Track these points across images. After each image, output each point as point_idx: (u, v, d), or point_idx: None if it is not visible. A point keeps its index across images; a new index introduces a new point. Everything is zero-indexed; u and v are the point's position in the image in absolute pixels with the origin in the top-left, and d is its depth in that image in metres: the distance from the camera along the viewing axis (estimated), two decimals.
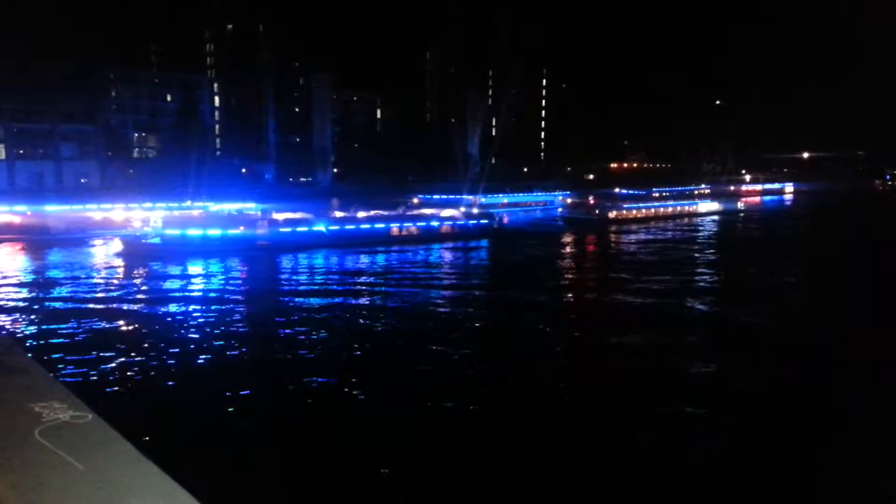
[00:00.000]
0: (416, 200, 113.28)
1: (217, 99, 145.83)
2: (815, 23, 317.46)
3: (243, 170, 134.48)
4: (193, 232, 56.59)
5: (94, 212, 73.17)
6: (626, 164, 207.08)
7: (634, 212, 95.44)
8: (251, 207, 79.92)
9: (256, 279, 45.76)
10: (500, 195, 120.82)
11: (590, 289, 43.13)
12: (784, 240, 76.36)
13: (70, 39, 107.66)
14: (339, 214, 69.12)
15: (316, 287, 42.14)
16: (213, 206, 76.21)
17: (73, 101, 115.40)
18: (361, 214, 68.76)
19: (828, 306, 35.69)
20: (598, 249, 67.47)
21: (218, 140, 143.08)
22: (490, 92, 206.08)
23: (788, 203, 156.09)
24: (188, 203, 78.23)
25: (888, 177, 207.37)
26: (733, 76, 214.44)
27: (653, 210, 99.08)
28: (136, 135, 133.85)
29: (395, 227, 67.20)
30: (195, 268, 49.04)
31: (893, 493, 14.62)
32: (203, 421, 18.35)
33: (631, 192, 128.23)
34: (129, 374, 22.83)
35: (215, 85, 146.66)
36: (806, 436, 17.85)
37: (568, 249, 66.30)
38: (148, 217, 63.04)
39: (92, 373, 22.47)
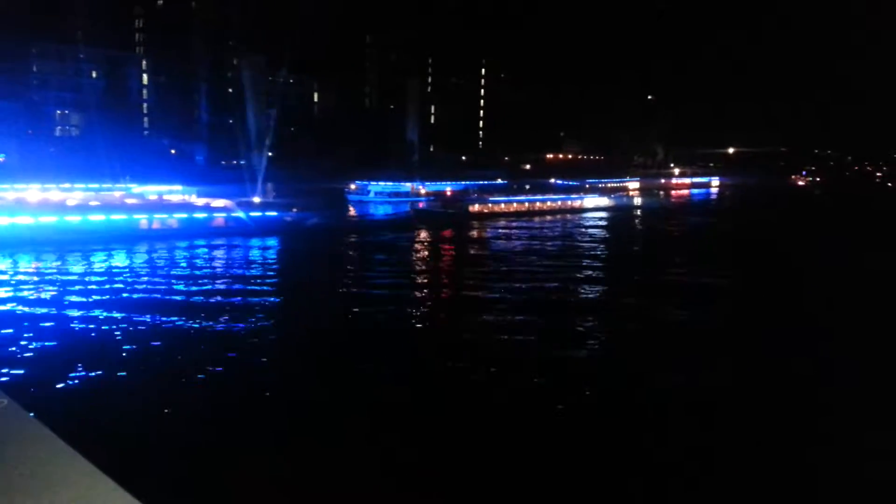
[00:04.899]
0: (353, 186, 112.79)
1: (146, 77, 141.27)
2: (741, 22, 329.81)
3: (172, 151, 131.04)
4: None
5: None
6: (561, 156, 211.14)
7: (503, 205, 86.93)
8: (178, 190, 78.23)
9: None
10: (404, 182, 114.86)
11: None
12: (604, 243, 64.27)
13: None
14: (256, 200, 64.73)
15: None
16: (136, 188, 74.19)
17: None
18: (94, 202, 57.35)
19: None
20: (390, 252, 54.63)
21: (146, 119, 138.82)
22: (430, 80, 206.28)
23: (713, 196, 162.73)
24: (109, 185, 75.81)
25: (804, 172, 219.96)
26: (665, 73, 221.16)
27: (526, 204, 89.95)
28: (58, 112, 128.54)
29: (143, 220, 54.98)
30: None
31: None
32: None
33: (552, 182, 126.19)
34: None
35: (144, 62, 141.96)
36: None
37: (362, 251, 53.75)
38: None
39: None
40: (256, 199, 67.47)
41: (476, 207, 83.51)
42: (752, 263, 49.87)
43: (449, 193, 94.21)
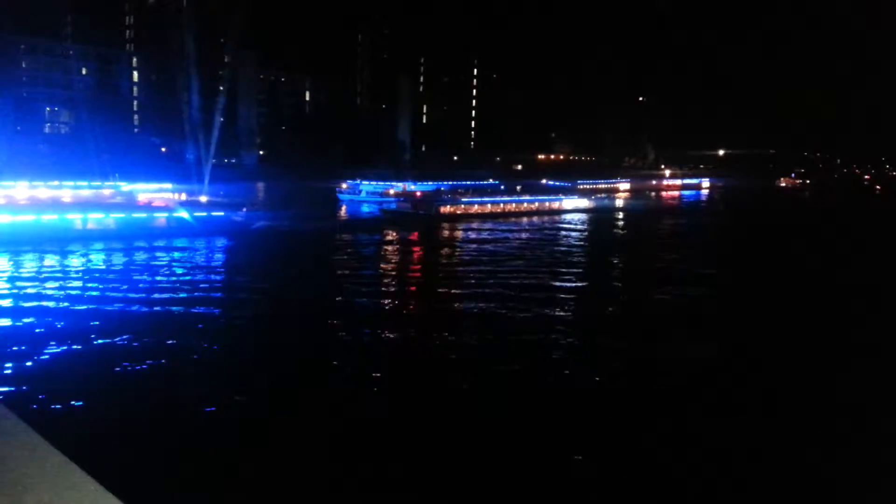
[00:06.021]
0: (345, 185, 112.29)
1: (136, 74, 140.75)
2: (732, 23, 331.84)
3: (163, 149, 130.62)
4: None
5: None
6: (553, 156, 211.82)
7: (476, 207, 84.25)
8: (168, 188, 77.72)
9: None
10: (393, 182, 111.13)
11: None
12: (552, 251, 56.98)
13: None
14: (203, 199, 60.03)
15: None
16: (126, 186, 73.63)
17: None
18: (23, 201, 52.58)
19: None
20: (330, 258, 50.53)
21: (136, 117, 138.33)
22: (422, 79, 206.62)
23: (703, 198, 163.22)
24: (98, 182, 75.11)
25: (793, 175, 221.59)
26: (656, 75, 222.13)
27: (500, 206, 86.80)
28: (48, 109, 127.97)
29: (77, 220, 51.49)
30: None
31: None
32: None
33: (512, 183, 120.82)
34: None
35: (135, 59, 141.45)
36: None
37: (299, 258, 49.03)
38: None
39: None
40: (203, 199, 62.87)
41: (448, 209, 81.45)
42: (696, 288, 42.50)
43: (419, 195, 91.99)
